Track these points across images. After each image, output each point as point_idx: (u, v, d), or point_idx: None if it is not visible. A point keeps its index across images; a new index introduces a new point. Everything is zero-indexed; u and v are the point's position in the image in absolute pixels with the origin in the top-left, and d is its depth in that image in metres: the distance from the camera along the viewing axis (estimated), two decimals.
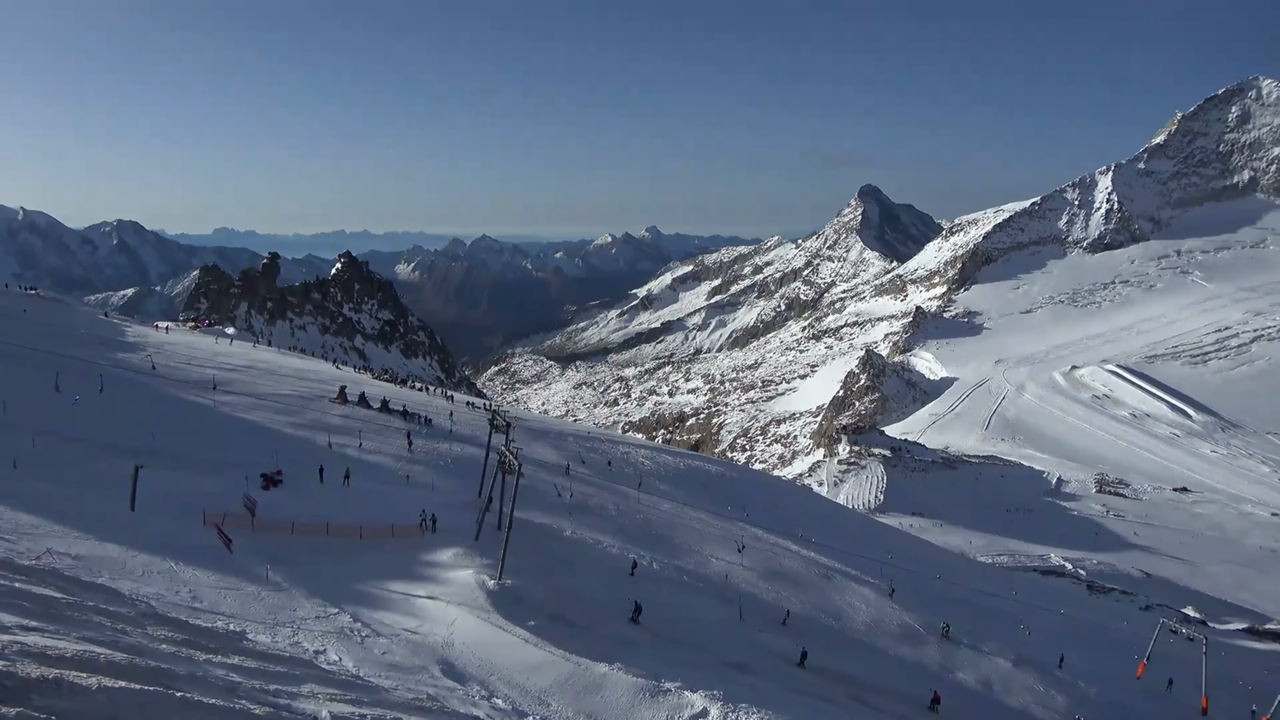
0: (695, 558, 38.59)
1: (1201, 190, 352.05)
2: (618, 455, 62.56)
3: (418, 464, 41.57)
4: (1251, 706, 38.94)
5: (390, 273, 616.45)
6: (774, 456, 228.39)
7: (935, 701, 29.65)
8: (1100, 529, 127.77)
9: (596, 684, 20.71)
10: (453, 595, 25.53)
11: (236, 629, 17.16)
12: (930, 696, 29.84)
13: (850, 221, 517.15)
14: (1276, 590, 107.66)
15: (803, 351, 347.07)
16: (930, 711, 29.35)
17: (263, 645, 16.13)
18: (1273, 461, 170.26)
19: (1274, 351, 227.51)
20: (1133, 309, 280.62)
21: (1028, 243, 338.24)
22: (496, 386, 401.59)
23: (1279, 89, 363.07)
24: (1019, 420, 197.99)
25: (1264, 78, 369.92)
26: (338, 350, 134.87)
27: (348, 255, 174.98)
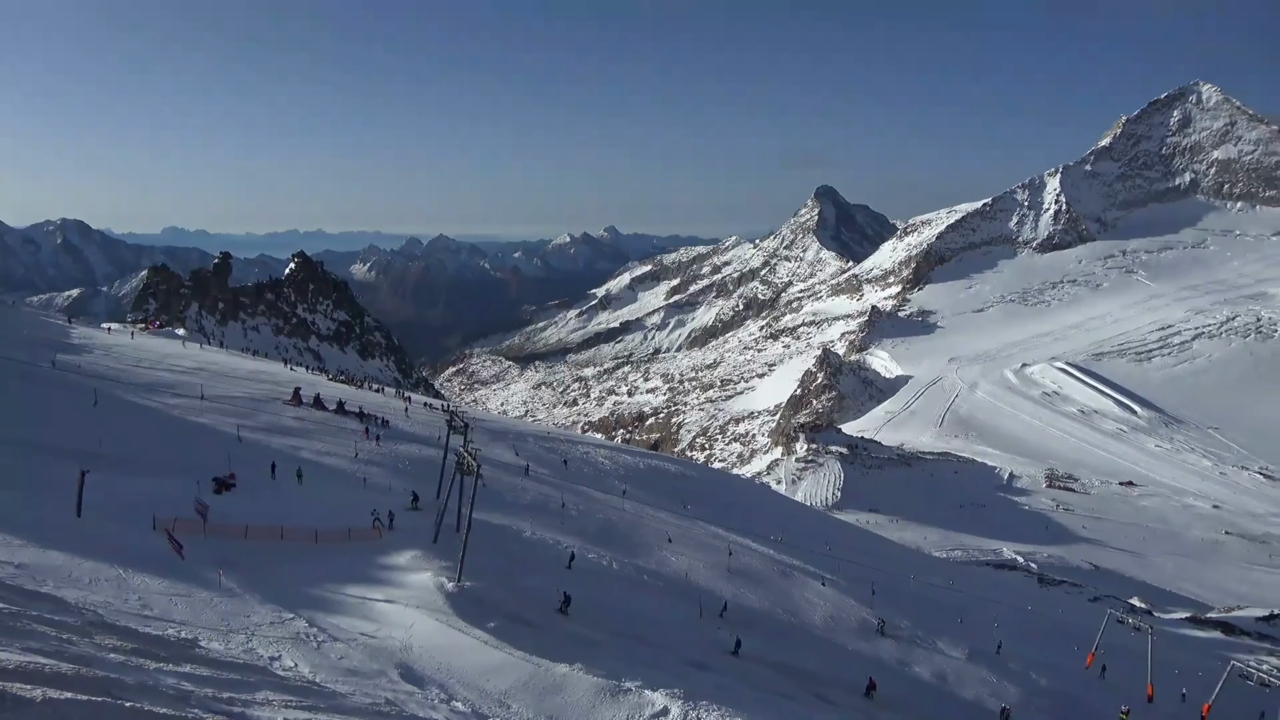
0: (655, 557, 38.68)
1: (1145, 192, 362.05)
2: (576, 455, 62.43)
3: (374, 465, 41.06)
4: (1182, 689, 40.21)
5: (346, 273, 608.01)
6: (733, 455, 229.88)
7: (870, 688, 30.08)
8: (1050, 523, 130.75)
9: (557, 685, 20.67)
10: (411, 598, 25.28)
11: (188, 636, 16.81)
12: (866, 683, 30.24)
13: (807, 222, 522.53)
14: (1217, 580, 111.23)
15: (761, 351, 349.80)
16: (865, 698, 29.76)
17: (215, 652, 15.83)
18: (1213, 456, 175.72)
19: (1214, 349, 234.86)
20: (1081, 308, 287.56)
21: (979, 243, 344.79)
22: (454, 387, 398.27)
23: (1218, 94, 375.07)
24: (972, 417, 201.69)
25: (1204, 83, 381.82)
26: (292, 351, 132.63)
27: (302, 255, 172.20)
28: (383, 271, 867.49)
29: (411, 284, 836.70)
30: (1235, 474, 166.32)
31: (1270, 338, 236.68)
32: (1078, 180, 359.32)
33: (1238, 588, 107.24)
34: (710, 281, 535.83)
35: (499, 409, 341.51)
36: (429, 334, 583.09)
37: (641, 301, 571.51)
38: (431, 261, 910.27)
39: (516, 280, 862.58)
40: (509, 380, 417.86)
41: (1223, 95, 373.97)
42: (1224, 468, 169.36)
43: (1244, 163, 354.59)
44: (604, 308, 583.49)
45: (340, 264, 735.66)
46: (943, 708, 31.45)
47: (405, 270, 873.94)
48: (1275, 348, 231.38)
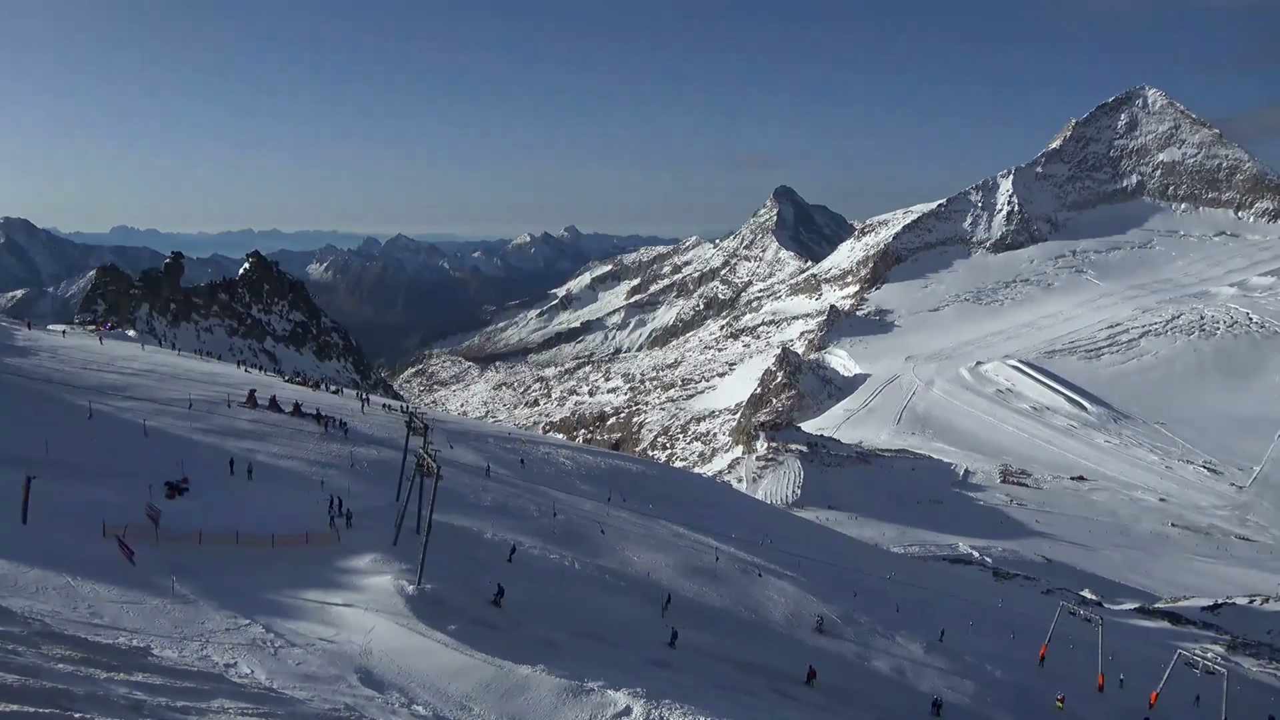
0: (617, 557, 38.71)
1: (1094, 193, 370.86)
2: (538, 456, 62.22)
3: (332, 468, 40.53)
4: (1119, 676, 41.30)
5: (302, 273, 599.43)
6: (694, 454, 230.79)
7: (811, 676, 30.35)
8: (1004, 517, 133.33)
9: (519, 686, 20.60)
10: (370, 602, 25.01)
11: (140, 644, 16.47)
12: (806, 671, 30.50)
13: (766, 222, 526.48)
14: (1164, 571, 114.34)
15: (721, 350, 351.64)
16: (806, 686, 30.05)
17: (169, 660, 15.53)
18: (1160, 450, 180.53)
19: (1160, 346, 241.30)
20: (1033, 306, 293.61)
21: (935, 243, 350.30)
22: (414, 388, 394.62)
23: (1163, 98, 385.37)
24: (928, 414, 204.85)
25: (1150, 87, 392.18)
26: (247, 353, 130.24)
27: (256, 255, 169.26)
28: (340, 271, 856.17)
29: (369, 284, 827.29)
30: (1181, 468, 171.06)
31: (1213, 335, 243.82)
32: (1029, 182, 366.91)
33: (1184, 578, 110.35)
34: (671, 281, 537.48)
35: (459, 410, 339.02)
36: (387, 335, 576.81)
37: (602, 301, 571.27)
38: (390, 261, 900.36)
39: (476, 280, 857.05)
40: (469, 381, 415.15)
41: (1167, 99, 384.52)
42: (1170, 462, 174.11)
43: (1187, 165, 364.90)
44: (564, 307, 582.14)
45: (296, 264, 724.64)
46: (901, 700, 31.90)
47: (363, 270, 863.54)
48: (1218, 345, 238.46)
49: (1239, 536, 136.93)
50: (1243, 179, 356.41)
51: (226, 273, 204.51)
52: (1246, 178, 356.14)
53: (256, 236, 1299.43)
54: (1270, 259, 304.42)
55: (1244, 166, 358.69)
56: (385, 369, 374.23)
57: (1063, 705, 33.97)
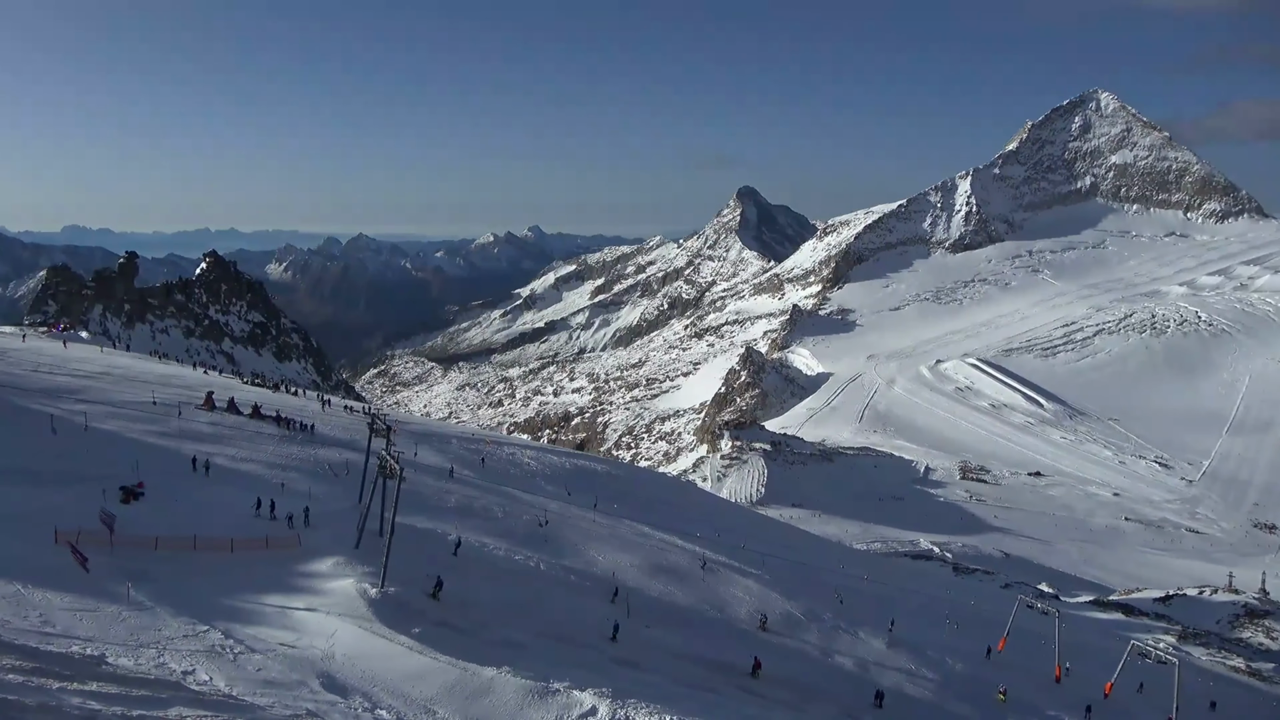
0: (582, 557, 38.68)
1: (1049, 194, 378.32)
2: (502, 456, 61.93)
3: (293, 470, 39.98)
4: (1066, 664, 42.25)
5: (261, 273, 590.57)
6: (659, 453, 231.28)
7: (756, 667, 30.54)
8: (964, 513, 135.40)
9: (484, 688, 20.53)
10: (333, 606, 24.74)
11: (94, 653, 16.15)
12: (752, 663, 30.67)
13: (729, 222, 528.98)
14: (1118, 564, 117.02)
15: (685, 350, 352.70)
16: (751, 678, 30.24)
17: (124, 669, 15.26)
18: (1114, 446, 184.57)
19: (1113, 344, 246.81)
20: (991, 305, 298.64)
21: (896, 243, 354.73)
22: (376, 389, 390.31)
23: (1115, 101, 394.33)
24: (890, 412, 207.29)
25: (1102, 91, 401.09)
26: (204, 354, 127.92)
27: (213, 254, 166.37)
28: (300, 271, 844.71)
29: (330, 284, 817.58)
30: (1134, 463, 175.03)
31: (1164, 333, 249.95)
32: (987, 183, 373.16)
33: (1137, 571, 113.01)
34: (635, 281, 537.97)
35: (422, 411, 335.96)
36: (349, 335, 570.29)
37: (566, 301, 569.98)
38: (351, 261, 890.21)
39: (439, 280, 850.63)
40: (432, 382, 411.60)
41: (1119, 103, 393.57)
42: (1123, 457, 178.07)
43: (1139, 167, 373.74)
44: (528, 307, 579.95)
45: (255, 264, 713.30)
46: (867, 694, 32.26)
47: (323, 270, 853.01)
48: (1169, 343, 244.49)
49: (1189, 529, 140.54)
50: (1191, 181, 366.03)
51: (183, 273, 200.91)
52: (1195, 179, 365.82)
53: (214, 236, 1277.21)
54: (1218, 259, 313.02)
55: (1193, 169, 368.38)
56: (346, 370, 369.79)
57: (1004, 698, 34.41)
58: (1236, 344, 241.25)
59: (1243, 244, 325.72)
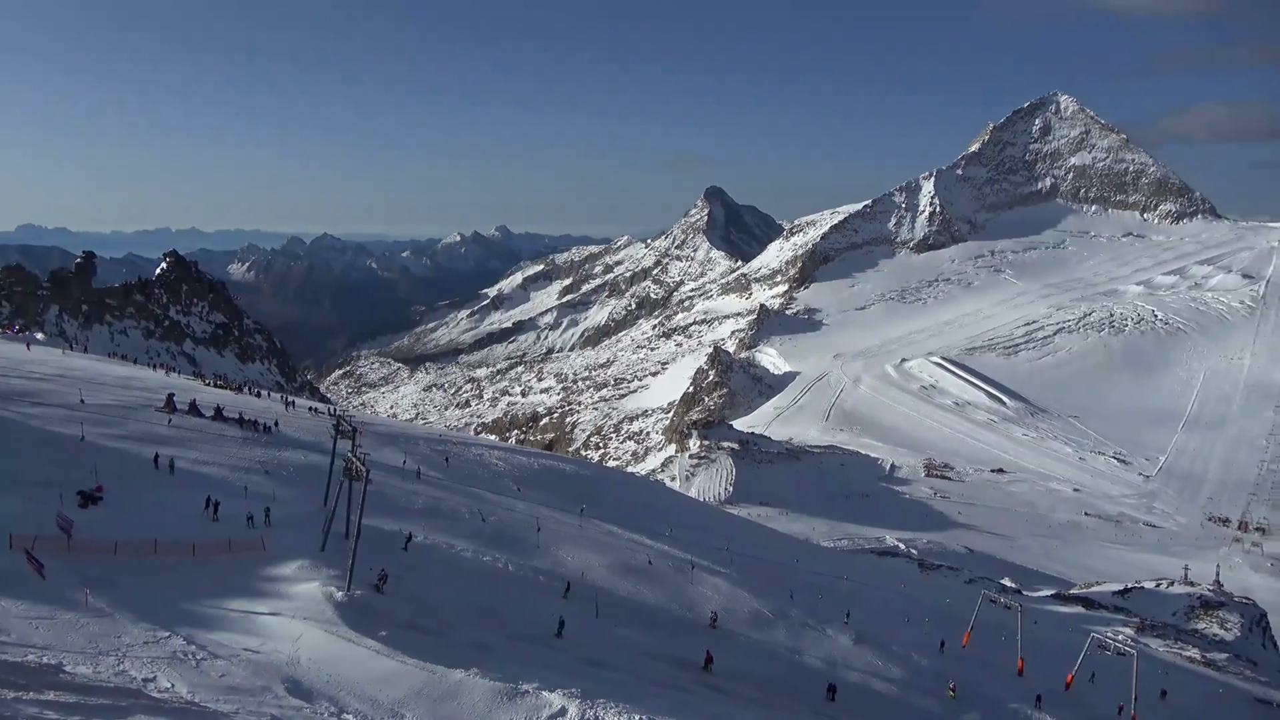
0: (550, 558, 38.61)
1: (1011, 195, 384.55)
2: (470, 457, 61.57)
3: (256, 474, 39.43)
4: (1019, 654, 43.04)
5: (223, 273, 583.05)
6: (627, 453, 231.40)
7: (708, 661, 30.66)
8: (929, 510, 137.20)
9: (452, 691, 20.42)
10: (298, 610, 24.45)
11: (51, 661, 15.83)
12: (704, 656, 30.78)
13: (697, 222, 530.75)
14: (1078, 558, 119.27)
15: (653, 349, 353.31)
16: (704, 671, 30.39)
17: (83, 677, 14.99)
18: (1074, 442, 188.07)
19: (1073, 343, 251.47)
20: (954, 305, 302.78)
21: (861, 243, 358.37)
22: (341, 391, 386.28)
23: (1074, 104, 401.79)
24: (856, 411, 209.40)
25: (1062, 94, 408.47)
26: (165, 356, 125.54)
27: (174, 254, 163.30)
28: (263, 272, 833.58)
29: (294, 285, 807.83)
30: (1093, 459, 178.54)
31: (1121, 332, 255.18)
32: (950, 184, 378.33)
33: (1096, 565, 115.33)
34: (603, 281, 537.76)
35: (388, 412, 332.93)
36: (313, 336, 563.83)
37: (534, 301, 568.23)
38: (315, 261, 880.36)
39: (405, 280, 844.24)
40: (398, 382, 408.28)
41: (1079, 105, 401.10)
42: (1083, 453, 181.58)
43: (1097, 169, 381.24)
44: (496, 307, 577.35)
45: (217, 264, 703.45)
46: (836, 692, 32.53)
47: (287, 270, 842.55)
48: (1126, 341, 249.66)
49: (1146, 523, 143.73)
50: (1148, 182, 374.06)
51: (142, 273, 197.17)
52: (1151, 181, 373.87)
53: (174, 235, 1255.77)
54: (1173, 259, 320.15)
55: (1149, 170, 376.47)
56: (311, 371, 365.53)
57: (954, 694, 34.76)
58: (1191, 342, 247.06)
59: (1197, 244, 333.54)
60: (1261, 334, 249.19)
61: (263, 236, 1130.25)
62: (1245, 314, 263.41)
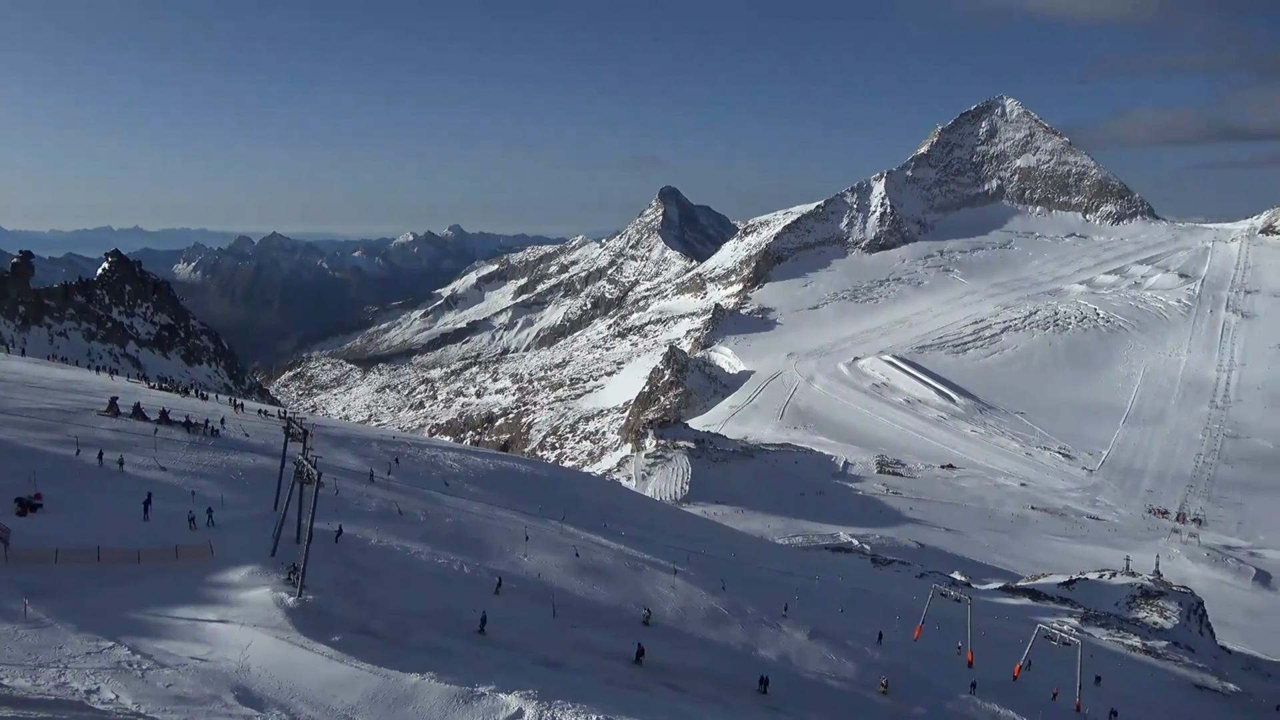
0: (507, 559, 38.42)
1: (959, 196, 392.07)
2: (425, 459, 60.99)
3: (204, 478, 38.59)
4: (958, 643, 44.01)
5: (168, 273, 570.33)
6: (584, 453, 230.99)
7: (640, 654, 30.73)
8: (881, 506, 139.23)
9: (407, 695, 20.23)
10: (248, 616, 24.00)
11: None
12: (636, 650, 30.83)
13: (652, 222, 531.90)
14: (1025, 551, 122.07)
15: (609, 349, 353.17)
16: (635, 665, 30.51)
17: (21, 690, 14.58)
18: (1020, 438, 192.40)
19: (1019, 341, 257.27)
20: (905, 304, 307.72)
21: (814, 243, 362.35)
22: (292, 393, 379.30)
23: (1019, 108, 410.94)
24: (809, 409, 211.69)
25: (1007, 97, 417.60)
26: (107, 358, 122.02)
27: (116, 254, 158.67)
28: (210, 272, 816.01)
29: (242, 285, 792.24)
30: (1039, 454, 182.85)
31: (1065, 330, 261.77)
32: (900, 185, 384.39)
33: (1043, 557, 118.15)
34: (558, 281, 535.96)
35: (340, 414, 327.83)
36: (263, 337, 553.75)
37: (489, 301, 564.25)
38: (264, 261, 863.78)
39: (357, 280, 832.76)
40: (350, 384, 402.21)
41: (1023, 109, 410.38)
42: (1029, 449, 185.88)
43: (1041, 171, 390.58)
44: (450, 308, 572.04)
45: (161, 263, 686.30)
46: (787, 687, 32.89)
47: (235, 270, 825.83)
48: (1069, 339, 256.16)
49: (1090, 516, 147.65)
50: (1089, 184, 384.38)
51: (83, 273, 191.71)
52: (1093, 183, 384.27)
53: (116, 235, 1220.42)
54: (1114, 258, 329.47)
55: (1090, 173, 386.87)
56: (261, 373, 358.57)
57: (885, 690, 35.20)
58: (1131, 340, 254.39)
59: (1136, 244, 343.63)
60: (1197, 331, 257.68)
61: (209, 236, 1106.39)
62: (1182, 312, 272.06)
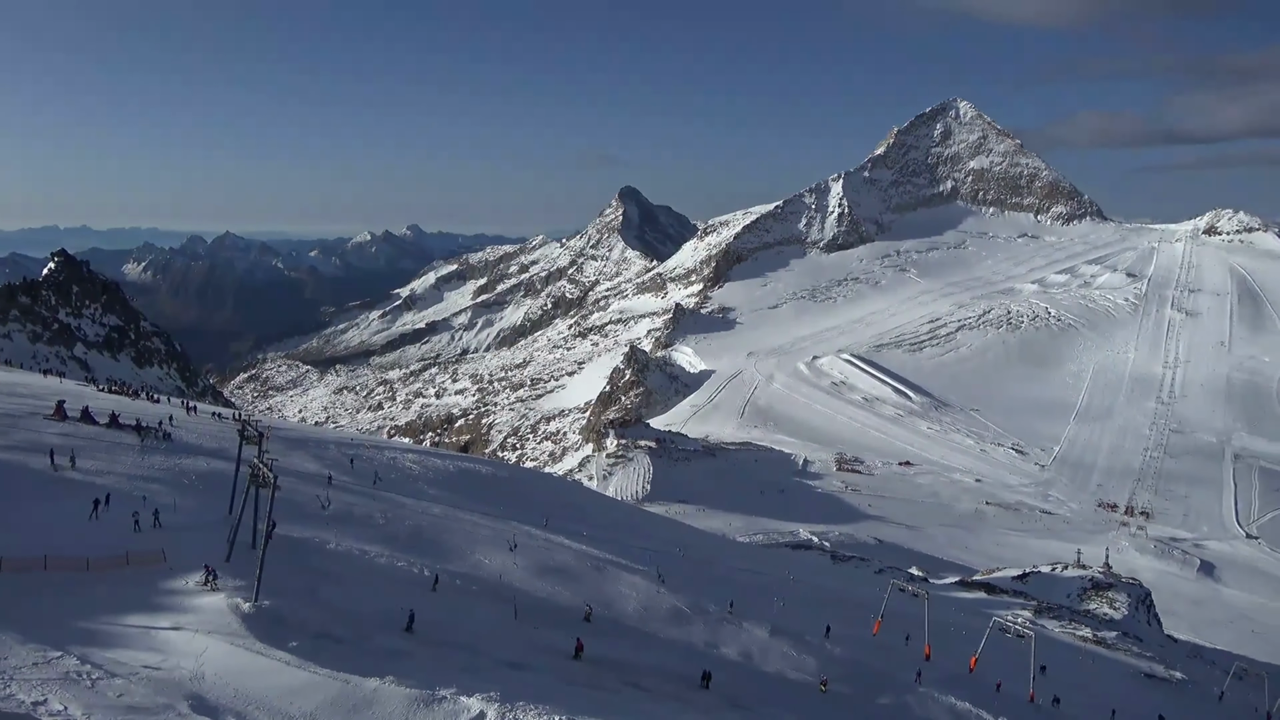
0: (467, 561, 38.17)
1: (915, 197, 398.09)
2: (383, 460, 60.31)
3: (156, 482, 37.77)
4: (906, 634, 44.79)
5: (117, 273, 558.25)
6: (545, 454, 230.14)
7: (579, 649, 30.73)
8: (841, 503, 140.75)
9: (367, 700, 20.02)
10: (202, 623, 23.55)
11: None
12: (574, 645, 30.80)
13: (612, 221, 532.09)
14: (980, 546, 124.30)
15: (570, 349, 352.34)
16: (575, 660, 30.57)
17: None
18: (975, 435, 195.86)
19: (974, 339, 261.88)
20: (863, 303, 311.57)
21: (773, 243, 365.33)
22: (247, 395, 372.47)
23: (972, 110, 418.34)
24: (770, 407, 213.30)
25: (961, 100, 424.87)
26: (54, 361, 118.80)
27: (63, 253, 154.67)
28: (160, 272, 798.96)
29: (195, 285, 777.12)
30: (993, 450, 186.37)
31: (1018, 328, 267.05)
32: (857, 185, 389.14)
33: (997, 551, 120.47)
34: (518, 281, 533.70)
35: (297, 416, 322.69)
36: (216, 339, 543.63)
37: (448, 301, 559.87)
38: (217, 261, 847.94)
39: (313, 280, 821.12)
40: (307, 386, 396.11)
41: (976, 111, 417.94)
42: (984, 445, 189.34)
43: (994, 172, 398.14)
44: (409, 308, 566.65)
45: (110, 263, 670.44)
46: (751, 683, 33.14)
47: (187, 270, 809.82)
48: (1022, 337, 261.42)
49: (1042, 511, 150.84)
50: (1041, 185, 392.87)
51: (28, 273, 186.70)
52: (1044, 184, 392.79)
53: (63, 234, 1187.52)
54: (1064, 258, 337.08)
55: (1042, 174, 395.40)
56: (214, 375, 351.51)
57: (825, 689, 35.52)
58: (1082, 338, 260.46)
59: (1085, 244, 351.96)
60: (1144, 329, 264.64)
61: (160, 235, 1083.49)
62: (1129, 311, 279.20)
